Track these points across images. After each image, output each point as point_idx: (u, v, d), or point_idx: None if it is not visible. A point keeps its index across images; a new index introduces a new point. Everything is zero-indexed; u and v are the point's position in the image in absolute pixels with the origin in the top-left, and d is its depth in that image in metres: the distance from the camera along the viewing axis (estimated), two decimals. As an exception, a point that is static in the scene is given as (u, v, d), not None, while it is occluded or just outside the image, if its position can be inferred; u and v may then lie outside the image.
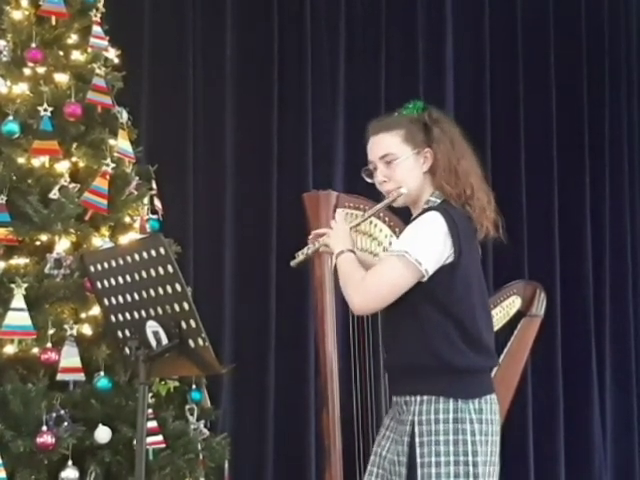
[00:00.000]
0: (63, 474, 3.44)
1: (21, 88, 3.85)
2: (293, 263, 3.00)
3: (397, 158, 2.84)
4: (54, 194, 3.70)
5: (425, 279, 2.72)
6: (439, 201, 2.83)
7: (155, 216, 4.07)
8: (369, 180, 2.92)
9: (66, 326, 3.57)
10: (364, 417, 3.49)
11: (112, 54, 4.09)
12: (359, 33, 5.54)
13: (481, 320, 2.78)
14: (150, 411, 3.50)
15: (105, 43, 4.04)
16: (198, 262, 4.95)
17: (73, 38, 3.98)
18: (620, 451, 5.94)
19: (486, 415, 2.74)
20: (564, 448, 5.71)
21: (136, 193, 3.95)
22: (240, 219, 5.13)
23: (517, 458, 5.51)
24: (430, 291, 2.73)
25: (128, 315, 2.68)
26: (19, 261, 3.67)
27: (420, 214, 2.83)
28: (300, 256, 2.98)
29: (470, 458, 2.69)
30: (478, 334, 2.76)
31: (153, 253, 2.55)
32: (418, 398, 2.74)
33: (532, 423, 5.62)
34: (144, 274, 2.59)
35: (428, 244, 2.73)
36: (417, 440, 2.72)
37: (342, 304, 2.99)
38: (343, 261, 2.84)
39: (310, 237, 3.01)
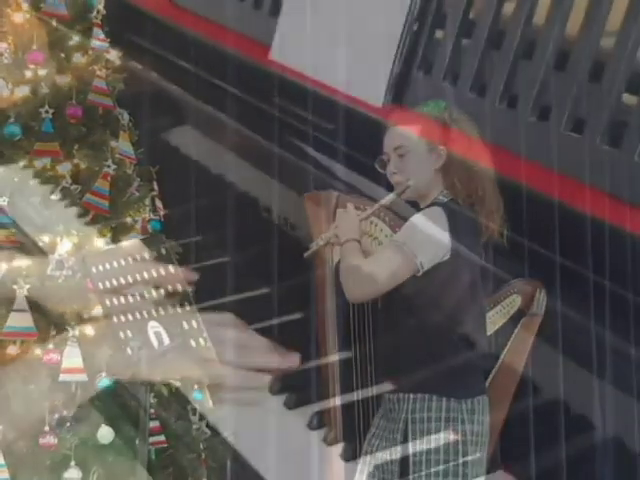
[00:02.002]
0: (66, 474, 3.45)
1: (22, 90, 3.86)
2: (306, 255, 3.07)
3: (409, 151, 2.86)
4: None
5: (420, 273, 2.73)
6: (446, 200, 2.84)
7: (156, 217, 4.08)
8: (381, 171, 2.94)
9: (68, 327, 3.58)
10: (366, 416, 3.50)
11: (113, 56, 4.10)
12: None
13: (477, 320, 2.80)
14: (152, 411, 3.51)
15: (106, 45, 4.05)
16: (199, 262, 4.95)
17: (74, 40, 3.99)
18: (621, 451, 5.95)
19: (478, 416, 2.76)
20: (565, 446, 5.71)
21: (137, 194, 3.97)
22: (241, 219, 5.14)
23: (518, 454, 5.52)
24: (426, 287, 2.75)
25: (130, 315, 2.68)
26: (21, 262, 3.68)
27: (424, 208, 2.84)
28: (313, 247, 3.05)
29: (461, 458, 2.71)
30: (473, 334, 2.77)
31: (154, 253, 2.56)
32: (411, 396, 2.76)
33: (533, 420, 5.62)
34: (145, 274, 2.59)
35: (426, 238, 2.74)
36: (410, 438, 2.73)
37: (344, 304, 3.01)
38: (346, 249, 2.86)
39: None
